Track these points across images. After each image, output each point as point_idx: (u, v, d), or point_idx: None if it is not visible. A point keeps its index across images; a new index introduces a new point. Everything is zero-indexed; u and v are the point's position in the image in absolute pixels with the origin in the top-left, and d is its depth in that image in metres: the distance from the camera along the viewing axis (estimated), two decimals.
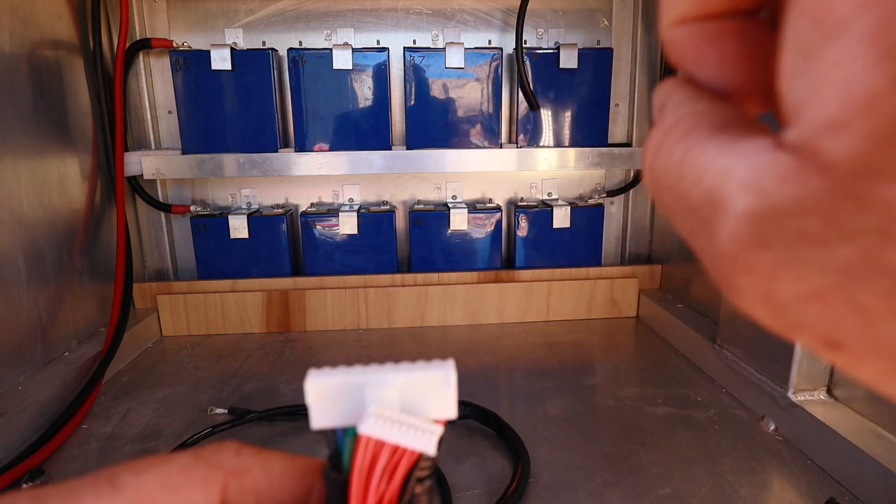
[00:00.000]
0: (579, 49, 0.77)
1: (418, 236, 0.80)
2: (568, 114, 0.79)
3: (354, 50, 0.74)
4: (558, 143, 0.80)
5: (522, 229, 0.82)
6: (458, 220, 0.79)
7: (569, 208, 0.81)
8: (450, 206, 0.81)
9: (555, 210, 0.80)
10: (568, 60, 0.76)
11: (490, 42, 0.81)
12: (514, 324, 0.79)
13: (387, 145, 0.78)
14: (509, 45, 0.80)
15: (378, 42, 0.80)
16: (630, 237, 0.87)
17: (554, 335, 0.75)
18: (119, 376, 0.64)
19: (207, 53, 0.72)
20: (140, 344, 0.71)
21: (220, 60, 0.72)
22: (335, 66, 0.74)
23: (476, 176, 0.85)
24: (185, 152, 0.76)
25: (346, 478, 0.14)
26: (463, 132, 0.78)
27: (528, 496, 0.43)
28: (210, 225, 0.78)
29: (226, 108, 0.75)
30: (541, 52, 0.77)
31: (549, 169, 0.80)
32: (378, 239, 0.79)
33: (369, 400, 0.14)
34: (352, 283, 0.78)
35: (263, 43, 0.79)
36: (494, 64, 0.76)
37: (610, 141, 0.83)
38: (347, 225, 0.78)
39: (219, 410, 0.55)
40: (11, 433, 0.48)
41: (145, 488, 0.13)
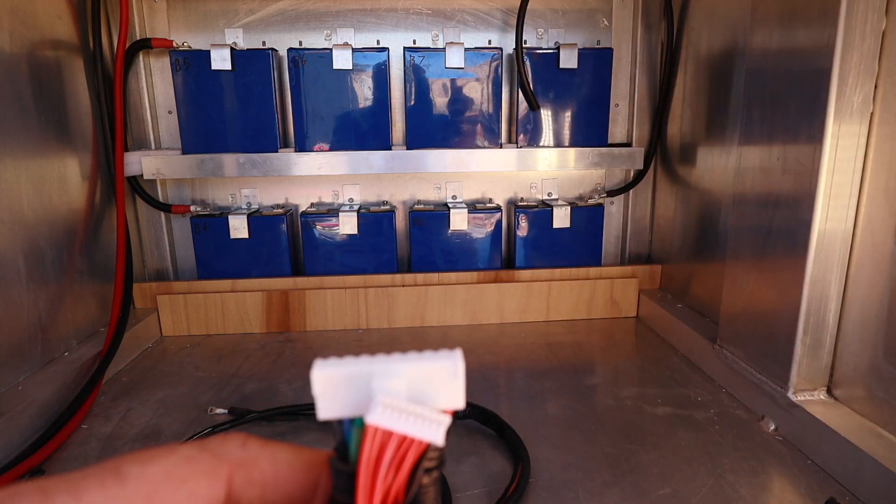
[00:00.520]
0: (579, 49, 0.77)
1: (418, 236, 0.80)
2: (568, 114, 0.79)
3: (354, 50, 0.74)
4: (558, 143, 0.80)
5: (522, 229, 0.82)
6: (458, 220, 0.79)
7: (569, 208, 0.81)
8: (450, 206, 0.81)
9: (555, 210, 0.80)
10: (568, 60, 0.76)
11: (490, 42, 0.81)
12: (514, 324, 0.79)
13: (387, 145, 0.78)
14: (509, 45, 0.80)
15: (378, 42, 0.80)
16: (630, 237, 0.87)
17: (554, 335, 0.75)
18: (119, 376, 0.64)
19: (207, 53, 0.72)
20: (140, 344, 0.71)
21: (220, 60, 0.72)
22: (335, 66, 0.74)
23: (476, 176, 0.85)
24: (185, 152, 0.76)
25: (353, 469, 0.14)
26: (463, 132, 0.78)
27: (528, 496, 0.43)
28: (210, 225, 0.78)
29: (226, 108, 0.75)
30: (541, 52, 0.77)
31: (549, 169, 0.80)
32: (378, 239, 0.79)
33: (376, 390, 0.14)
34: (352, 283, 0.78)
35: (263, 43, 0.79)
36: (494, 64, 0.76)
37: (610, 141, 0.83)
38: (347, 225, 0.78)
39: (219, 410, 0.55)
40: (11, 433, 0.48)
41: (150, 479, 0.13)
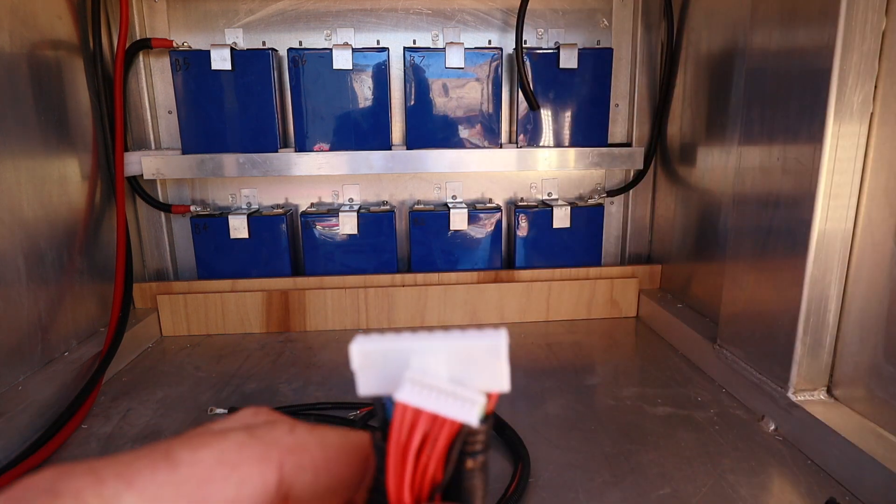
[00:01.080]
0: (579, 49, 0.77)
1: (418, 236, 0.80)
2: (568, 114, 0.79)
3: (354, 50, 0.74)
4: (558, 143, 0.80)
5: (522, 229, 0.82)
6: (458, 220, 0.79)
7: (569, 208, 0.81)
8: (450, 206, 0.81)
9: (555, 210, 0.80)
10: (568, 60, 0.76)
11: (490, 42, 0.81)
12: (514, 324, 0.79)
13: (387, 145, 0.78)
14: (509, 45, 0.80)
15: (378, 42, 0.80)
16: (630, 237, 0.87)
17: (554, 335, 0.75)
18: (119, 376, 0.64)
19: (207, 53, 0.72)
20: (140, 344, 0.71)
21: (220, 60, 0.72)
22: (335, 66, 0.74)
23: (476, 176, 0.85)
24: (185, 152, 0.76)
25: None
26: (463, 132, 0.78)
27: (529, 496, 0.43)
28: (210, 225, 0.78)
29: (226, 108, 0.75)
30: (541, 52, 0.77)
31: (549, 169, 0.80)
32: (378, 239, 0.79)
33: (413, 367, 0.14)
34: (352, 283, 0.78)
35: (263, 43, 0.79)
36: (494, 64, 0.76)
37: (610, 141, 0.83)
38: (347, 225, 0.78)
39: (219, 410, 0.55)
40: (11, 433, 0.48)
41: (202, 464, 0.13)
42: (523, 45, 0.75)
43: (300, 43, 0.79)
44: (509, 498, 0.42)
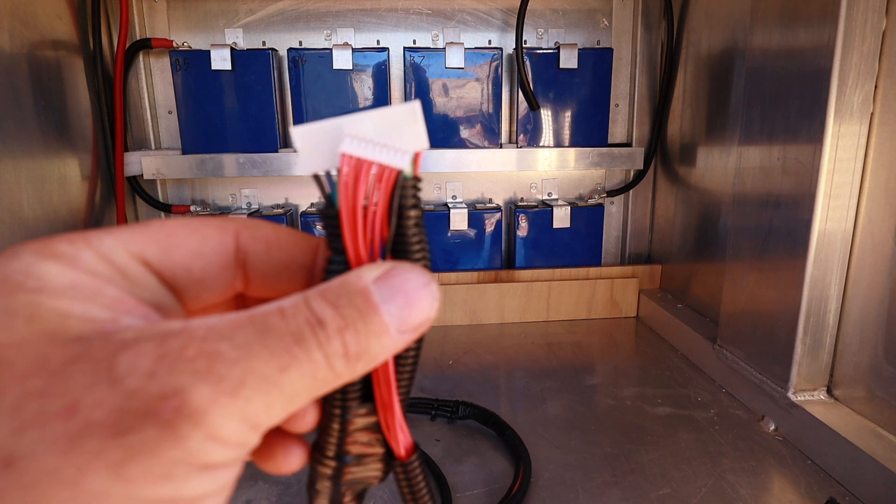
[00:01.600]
0: (579, 49, 0.77)
1: None
2: (568, 114, 0.79)
3: (354, 50, 0.74)
4: (558, 143, 0.80)
5: (522, 229, 0.82)
6: (458, 220, 0.79)
7: (569, 208, 0.81)
8: (450, 206, 0.81)
9: (555, 210, 0.80)
10: (568, 60, 0.76)
11: (490, 42, 0.81)
12: (514, 324, 0.79)
13: None
14: (509, 45, 0.80)
15: (378, 42, 0.80)
16: (630, 237, 0.87)
17: (554, 335, 0.75)
18: None
19: (207, 53, 0.72)
20: None
21: (220, 60, 0.72)
22: (335, 66, 0.74)
23: (476, 176, 0.85)
24: (185, 152, 0.76)
25: (339, 211, 0.15)
26: (463, 132, 0.78)
27: (529, 496, 0.43)
28: None
29: (226, 108, 0.75)
30: (541, 52, 0.77)
31: (549, 169, 0.80)
32: None
33: (348, 130, 0.15)
34: None
35: (263, 43, 0.79)
36: (494, 64, 0.76)
37: (610, 141, 0.83)
38: None
39: None
40: None
41: (168, 225, 0.16)
42: (523, 45, 0.75)
43: (300, 43, 0.79)
44: (512, 498, 0.42)
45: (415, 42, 0.80)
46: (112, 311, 0.13)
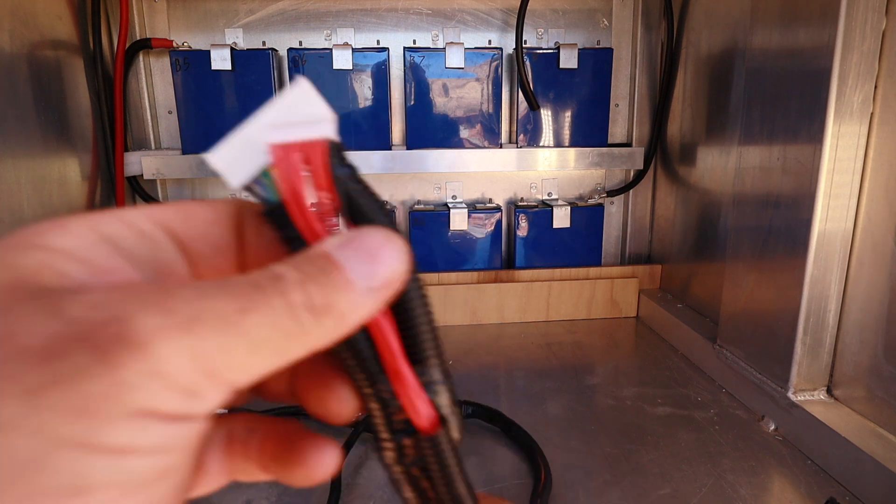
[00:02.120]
0: (579, 49, 0.77)
1: (418, 236, 0.80)
2: (568, 114, 0.79)
3: (354, 50, 0.74)
4: (558, 143, 0.80)
5: (522, 229, 0.82)
6: (458, 220, 0.79)
7: (569, 208, 0.81)
8: (450, 206, 0.81)
9: (555, 210, 0.80)
10: (568, 60, 0.76)
11: (490, 42, 0.81)
12: (514, 324, 0.79)
13: (387, 145, 0.77)
14: (509, 45, 0.80)
15: (378, 42, 0.80)
16: (630, 237, 0.87)
17: (554, 335, 0.75)
18: None
19: (207, 53, 0.72)
20: None
21: (220, 60, 0.72)
22: (335, 66, 0.74)
23: (476, 176, 0.85)
24: (185, 152, 0.76)
25: (281, 201, 0.15)
26: (463, 132, 0.78)
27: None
28: None
29: (226, 108, 0.75)
30: (541, 52, 0.77)
31: (549, 169, 0.80)
32: None
33: (263, 124, 0.16)
34: None
35: (263, 43, 0.79)
36: (494, 64, 0.76)
37: (610, 141, 0.83)
38: None
39: (218, 410, 0.55)
40: None
41: (187, 201, 0.16)
42: (523, 45, 0.75)
43: (300, 43, 0.79)
44: (543, 487, 0.42)
45: (415, 42, 0.80)
46: (98, 276, 0.13)
